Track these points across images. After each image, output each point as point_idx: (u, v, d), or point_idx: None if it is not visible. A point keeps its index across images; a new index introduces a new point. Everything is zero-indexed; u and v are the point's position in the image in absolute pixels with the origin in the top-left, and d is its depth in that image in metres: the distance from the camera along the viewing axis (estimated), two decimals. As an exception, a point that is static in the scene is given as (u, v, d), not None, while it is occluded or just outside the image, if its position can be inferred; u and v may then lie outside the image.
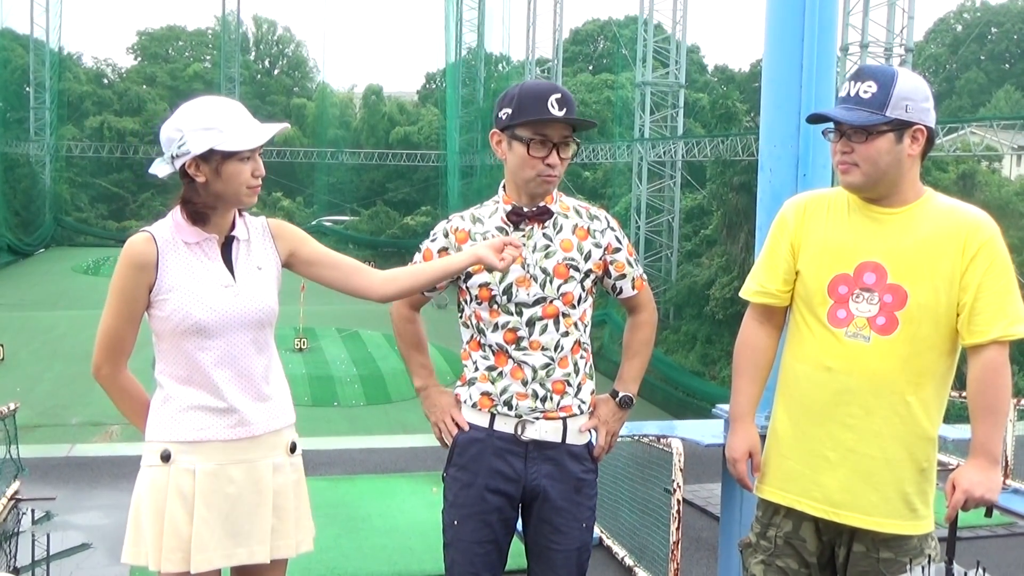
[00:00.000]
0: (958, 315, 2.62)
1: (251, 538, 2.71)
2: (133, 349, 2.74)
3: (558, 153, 2.84)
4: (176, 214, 2.69)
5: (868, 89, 2.61)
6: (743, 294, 2.92)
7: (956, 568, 2.73)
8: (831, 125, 2.70)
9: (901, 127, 2.60)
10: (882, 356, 2.63)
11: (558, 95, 2.80)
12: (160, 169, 2.66)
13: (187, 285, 2.63)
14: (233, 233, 2.75)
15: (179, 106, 2.68)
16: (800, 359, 2.77)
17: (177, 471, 2.63)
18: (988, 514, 2.69)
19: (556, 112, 2.78)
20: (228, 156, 2.60)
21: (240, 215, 2.79)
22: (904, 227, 2.65)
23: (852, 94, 2.64)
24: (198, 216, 2.67)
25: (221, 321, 2.65)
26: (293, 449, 2.83)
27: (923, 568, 2.62)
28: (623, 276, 3.01)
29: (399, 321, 3.14)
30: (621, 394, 3.07)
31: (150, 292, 2.63)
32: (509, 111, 2.84)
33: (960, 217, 2.65)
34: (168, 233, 2.67)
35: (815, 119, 2.80)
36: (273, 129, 2.67)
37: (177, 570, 2.62)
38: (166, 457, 2.63)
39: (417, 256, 3.00)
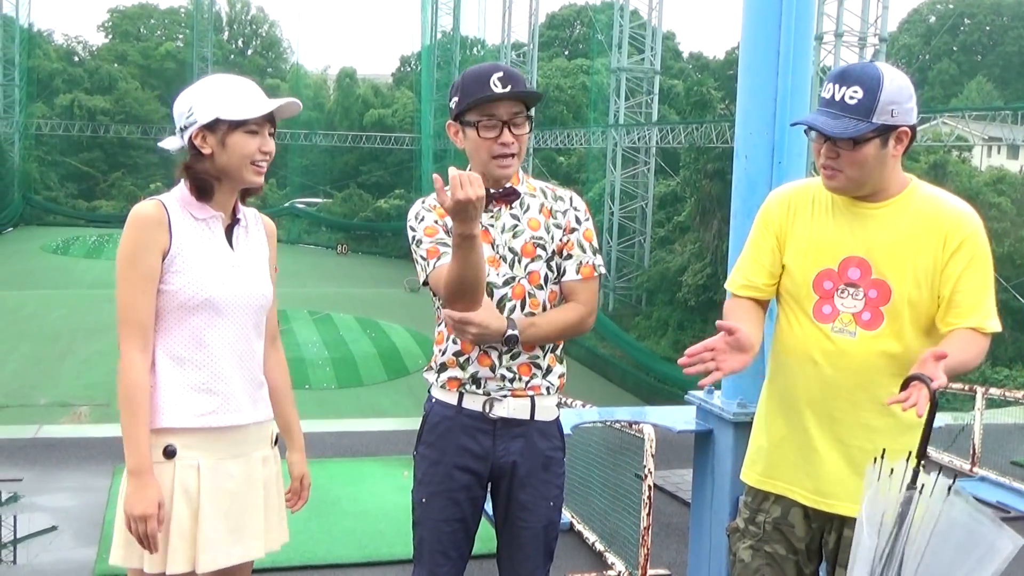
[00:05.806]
0: (938, 307, 2.60)
1: (245, 535, 2.63)
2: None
3: (510, 130, 2.79)
4: (182, 188, 2.61)
5: (854, 95, 2.51)
6: (729, 286, 2.89)
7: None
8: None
9: (887, 131, 2.55)
10: (867, 351, 2.62)
11: (500, 73, 2.75)
12: (170, 143, 2.62)
13: (198, 258, 2.56)
14: (238, 217, 2.69)
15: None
16: (787, 351, 2.76)
17: (182, 468, 2.53)
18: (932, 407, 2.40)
19: (499, 89, 2.73)
20: (235, 127, 2.54)
21: (242, 201, 2.73)
22: (888, 221, 2.63)
23: (837, 99, 2.53)
24: (203, 189, 2.59)
25: (231, 300, 2.59)
26: (276, 441, 2.79)
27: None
28: (570, 257, 2.88)
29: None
30: (508, 332, 2.77)
31: (163, 259, 2.53)
32: (456, 99, 2.81)
33: (942, 209, 2.62)
34: (176, 204, 2.58)
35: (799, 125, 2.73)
36: (280, 101, 2.61)
37: (183, 571, 2.52)
38: (171, 454, 2.52)
39: (425, 242, 2.83)
